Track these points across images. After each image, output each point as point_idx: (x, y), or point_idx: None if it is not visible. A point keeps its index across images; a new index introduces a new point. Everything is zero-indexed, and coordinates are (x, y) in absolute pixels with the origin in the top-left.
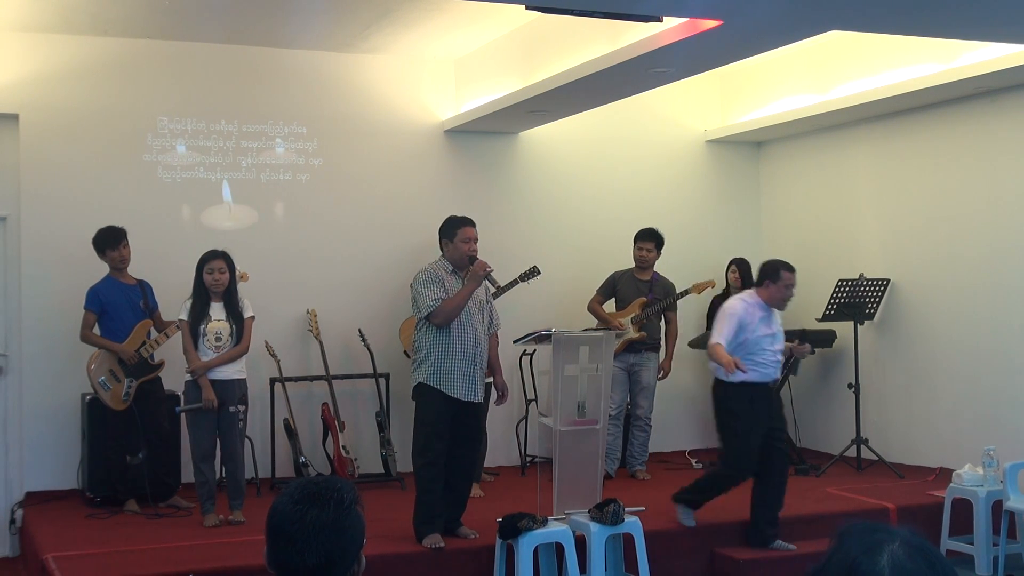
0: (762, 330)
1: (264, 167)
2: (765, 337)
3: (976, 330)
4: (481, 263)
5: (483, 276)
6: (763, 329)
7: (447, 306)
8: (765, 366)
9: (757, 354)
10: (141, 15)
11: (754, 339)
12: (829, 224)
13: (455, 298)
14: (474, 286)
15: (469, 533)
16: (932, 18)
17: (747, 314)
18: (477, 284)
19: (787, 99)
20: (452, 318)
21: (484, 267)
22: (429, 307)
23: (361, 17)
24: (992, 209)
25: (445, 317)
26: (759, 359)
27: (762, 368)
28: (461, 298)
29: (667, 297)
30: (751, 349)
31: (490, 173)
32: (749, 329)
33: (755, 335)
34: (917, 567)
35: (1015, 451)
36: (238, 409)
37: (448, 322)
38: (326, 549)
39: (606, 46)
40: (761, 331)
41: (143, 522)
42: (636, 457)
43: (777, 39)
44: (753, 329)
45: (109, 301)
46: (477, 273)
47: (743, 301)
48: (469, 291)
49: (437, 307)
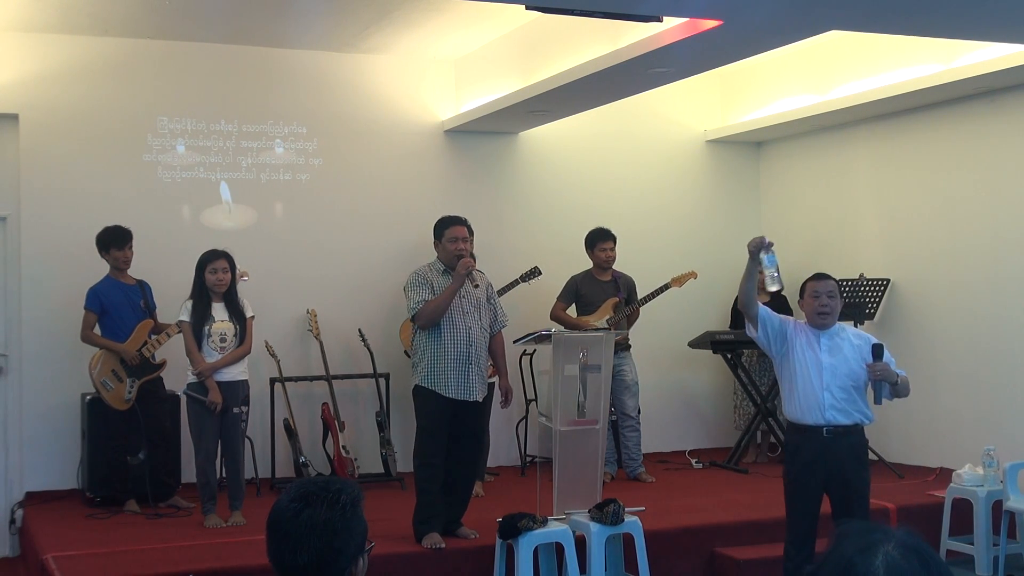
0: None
1: (264, 167)
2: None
3: (976, 330)
4: (464, 262)
5: (464, 275)
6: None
7: (429, 307)
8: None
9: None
10: (141, 15)
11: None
12: (829, 224)
13: (437, 299)
14: (456, 286)
15: (469, 533)
16: (931, 18)
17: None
18: (460, 284)
19: (787, 99)
20: (436, 319)
21: (466, 265)
22: (413, 309)
23: (361, 17)
24: (992, 209)
25: (428, 318)
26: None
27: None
28: (443, 299)
29: (632, 293)
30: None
31: (490, 173)
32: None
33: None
34: (912, 567)
35: (1015, 451)
36: (241, 410)
37: (432, 323)
38: (319, 548)
39: (606, 46)
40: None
41: (143, 522)
42: (634, 459)
43: (777, 39)
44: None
45: (110, 301)
46: (459, 272)
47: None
48: (451, 291)
49: (420, 309)
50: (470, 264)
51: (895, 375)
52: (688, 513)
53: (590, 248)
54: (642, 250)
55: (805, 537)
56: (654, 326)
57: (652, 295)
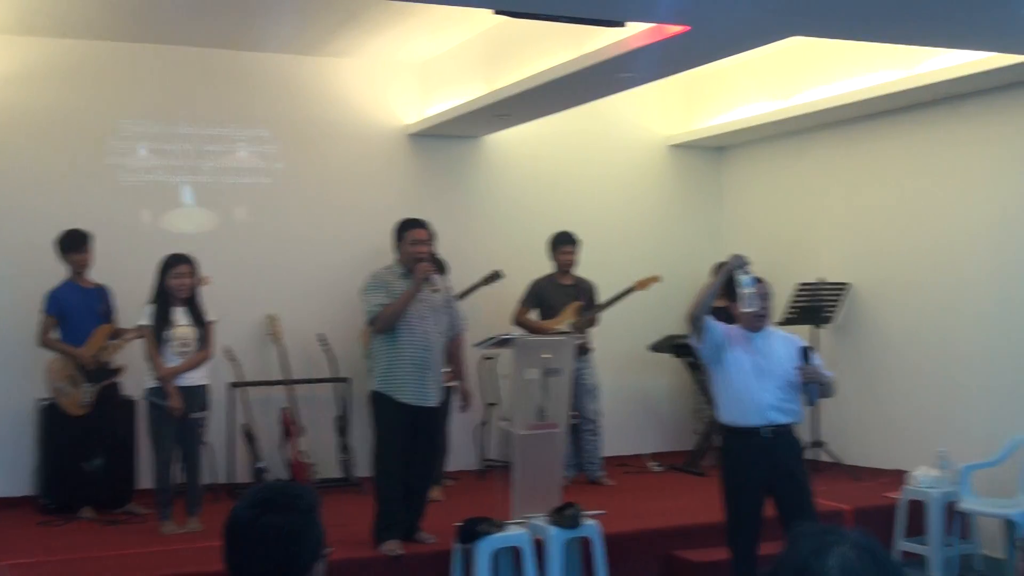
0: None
1: (226, 171)
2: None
3: (932, 333)
4: (422, 266)
5: (422, 279)
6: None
7: (386, 311)
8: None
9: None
10: (102, 17)
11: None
12: (790, 228)
13: (395, 303)
14: (415, 290)
15: (427, 538)
16: (892, 25)
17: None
18: (417, 288)
19: (750, 105)
20: (392, 323)
21: (424, 270)
22: (370, 313)
23: (326, 21)
24: (950, 214)
25: (385, 322)
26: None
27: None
28: (401, 303)
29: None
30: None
31: (454, 177)
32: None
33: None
34: (865, 568)
35: (969, 453)
36: (201, 416)
37: (389, 327)
38: (276, 554)
39: (571, 51)
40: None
41: (98, 529)
42: (594, 463)
43: (741, 44)
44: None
45: (68, 305)
46: (417, 276)
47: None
48: (409, 295)
49: (377, 313)
50: (429, 269)
51: (824, 376)
52: (646, 516)
53: (552, 251)
54: (605, 254)
55: (753, 542)
56: (616, 330)
57: (616, 298)
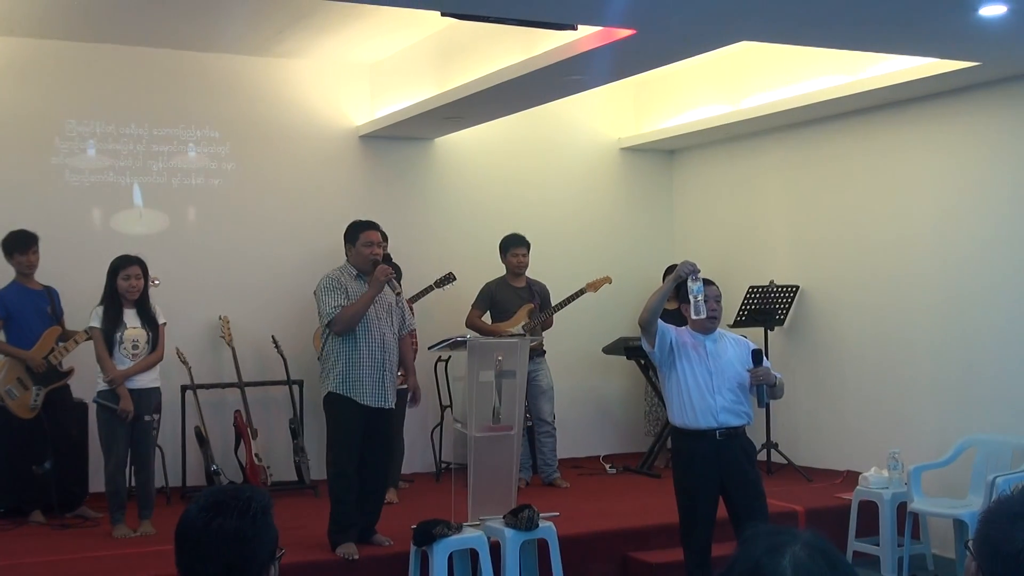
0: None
1: (176, 171)
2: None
3: (881, 336)
4: (383, 268)
5: (384, 281)
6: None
7: (346, 313)
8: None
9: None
10: (49, 16)
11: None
12: (740, 231)
13: (355, 304)
14: (375, 292)
15: (383, 541)
16: (839, 31)
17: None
18: (378, 290)
19: (699, 108)
20: (353, 324)
21: (385, 272)
22: (328, 315)
23: (276, 21)
24: (897, 216)
25: (345, 324)
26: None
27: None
28: (361, 304)
29: (545, 300)
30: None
31: (405, 179)
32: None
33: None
34: (818, 567)
35: (919, 454)
36: (153, 418)
37: (349, 329)
38: (228, 557)
39: (521, 53)
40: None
41: (49, 533)
42: (550, 464)
43: (690, 49)
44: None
45: (15, 307)
46: (378, 279)
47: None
48: (369, 297)
49: (337, 314)
50: (389, 272)
51: (774, 378)
52: (602, 518)
53: (503, 254)
54: (557, 256)
55: (706, 543)
56: (569, 332)
57: (567, 300)
